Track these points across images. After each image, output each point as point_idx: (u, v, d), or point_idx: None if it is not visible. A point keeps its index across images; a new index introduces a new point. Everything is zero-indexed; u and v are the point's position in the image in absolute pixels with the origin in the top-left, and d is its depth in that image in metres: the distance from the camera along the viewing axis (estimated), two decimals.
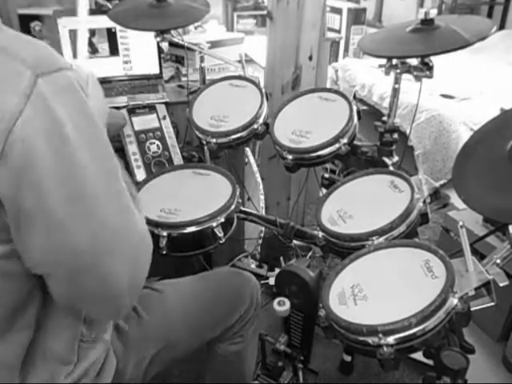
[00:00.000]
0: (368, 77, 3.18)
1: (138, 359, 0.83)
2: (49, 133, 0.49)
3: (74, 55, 1.55)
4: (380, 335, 0.72)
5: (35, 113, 0.48)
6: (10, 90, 0.47)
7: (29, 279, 0.59)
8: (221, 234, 1.06)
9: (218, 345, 1.03)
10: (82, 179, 0.53)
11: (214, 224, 1.05)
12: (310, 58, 1.78)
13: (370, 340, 0.74)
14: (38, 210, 0.51)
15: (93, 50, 1.57)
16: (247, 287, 1.04)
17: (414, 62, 1.12)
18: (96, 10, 1.73)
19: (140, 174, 1.27)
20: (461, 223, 0.81)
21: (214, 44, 1.72)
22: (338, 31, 4.66)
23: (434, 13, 4.04)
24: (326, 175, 1.33)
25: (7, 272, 0.56)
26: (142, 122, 1.34)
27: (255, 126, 1.25)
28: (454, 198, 0.97)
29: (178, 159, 1.33)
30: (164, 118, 1.37)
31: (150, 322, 0.86)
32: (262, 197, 1.78)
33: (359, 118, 1.19)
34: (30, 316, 0.62)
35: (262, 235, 1.80)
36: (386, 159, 1.23)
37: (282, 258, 1.76)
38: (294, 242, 1.28)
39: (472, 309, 0.78)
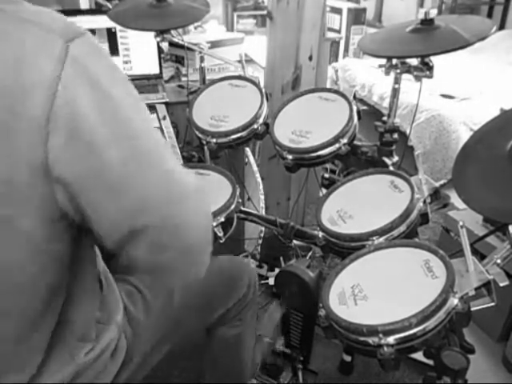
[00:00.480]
0: (368, 77, 3.18)
1: (144, 343, 0.84)
2: (91, 91, 0.50)
3: None
4: (380, 335, 0.72)
5: (73, 75, 0.48)
6: (45, 57, 0.47)
7: (68, 260, 0.59)
8: (220, 234, 1.06)
9: (217, 329, 1.04)
10: (134, 130, 0.54)
11: (214, 223, 1.05)
12: (310, 58, 1.78)
13: (370, 340, 0.74)
14: (99, 168, 0.51)
15: None
16: (244, 272, 1.05)
17: (414, 62, 1.12)
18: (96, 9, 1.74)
19: None
20: (461, 223, 0.81)
21: (214, 44, 1.72)
22: (338, 31, 4.65)
23: (434, 13, 4.04)
24: (326, 175, 1.33)
25: (52, 252, 0.56)
26: None
27: (255, 126, 1.25)
28: (454, 198, 0.97)
29: (177, 159, 1.33)
30: (164, 118, 1.37)
31: (155, 303, 0.87)
32: (262, 197, 1.78)
33: (359, 118, 1.19)
34: (60, 302, 0.63)
35: (262, 235, 1.80)
36: (385, 159, 1.23)
37: (282, 258, 1.76)
38: (294, 241, 1.28)
39: (472, 309, 0.78)
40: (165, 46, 1.40)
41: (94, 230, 0.55)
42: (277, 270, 1.77)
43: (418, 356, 1.30)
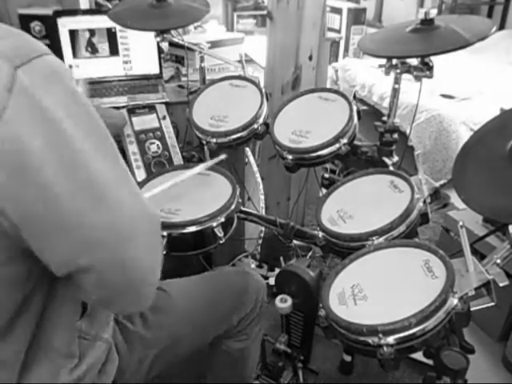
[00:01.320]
0: (368, 77, 3.18)
1: (140, 357, 0.83)
2: (38, 124, 0.47)
3: (74, 55, 1.56)
4: (380, 335, 0.72)
5: (20, 107, 0.45)
6: None
7: (29, 282, 0.58)
8: (221, 234, 1.06)
9: (223, 341, 1.03)
10: (84, 164, 0.50)
11: (215, 224, 1.05)
12: (310, 58, 1.78)
13: (370, 340, 0.74)
14: (44, 205, 0.48)
15: (93, 50, 1.57)
16: (252, 286, 1.04)
17: (414, 62, 1.12)
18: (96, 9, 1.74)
19: (140, 174, 1.27)
20: (461, 223, 0.81)
21: (214, 44, 1.72)
22: (338, 31, 4.65)
23: (433, 13, 4.03)
24: (326, 175, 1.33)
25: (5, 278, 0.55)
26: (142, 122, 1.34)
27: (255, 126, 1.25)
28: (454, 198, 0.97)
29: (177, 159, 1.33)
30: (164, 118, 1.37)
31: (155, 321, 0.87)
32: (262, 197, 1.78)
33: (359, 118, 1.19)
34: (31, 315, 0.62)
35: (262, 235, 1.80)
36: (385, 159, 1.23)
37: (282, 258, 1.76)
38: (294, 241, 1.29)
39: (472, 309, 0.78)
40: (165, 45, 1.40)
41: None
42: (277, 270, 1.77)
43: (418, 356, 1.30)
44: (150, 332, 0.85)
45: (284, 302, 1.01)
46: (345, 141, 1.12)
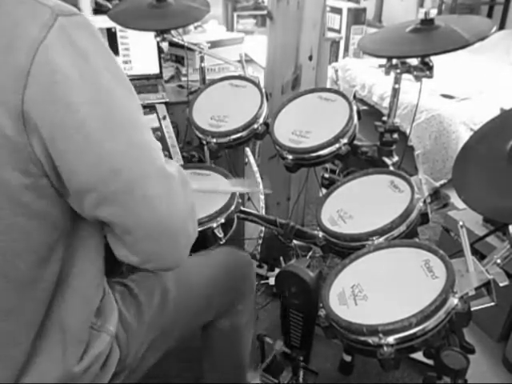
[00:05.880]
0: (368, 77, 3.18)
1: (137, 345, 0.82)
2: (72, 55, 0.54)
3: None
4: (380, 335, 0.72)
5: (57, 39, 0.53)
6: (33, 23, 0.52)
7: (55, 227, 0.60)
8: (221, 235, 1.06)
9: (216, 320, 1.03)
10: (111, 100, 0.57)
11: (214, 225, 1.05)
12: (310, 58, 1.78)
13: (370, 340, 0.74)
14: (70, 124, 0.54)
15: None
16: (241, 263, 1.05)
17: (414, 61, 1.12)
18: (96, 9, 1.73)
19: None
20: (461, 223, 0.81)
21: (214, 44, 1.72)
22: (338, 31, 4.65)
23: (433, 13, 4.03)
24: (326, 175, 1.33)
25: (36, 210, 0.57)
26: None
27: (255, 126, 1.25)
28: (454, 198, 0.97)
29: (177, 159, 1.33)
30: (164, 118, 1.37)
31: (149, 306, 0.86)
32: (262, 197, 1.78)
33: (359, 117, 1.19)
34: (52, 270, 0.63)
35: (262, 235, 1.80)
36: (386, 159, 1.23)
37: (282, 258, 1.76)
38: (294, 241, 1.28)
39: (472, 309, 0.78)
40: (165, 46, 1.40)
41: (67, 190, 0.58)
42: (277, 270, 1.77)
43: (418, 356, 1.30)
44: (145, 317, 0.84)
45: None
46: (345, 141, 1.12)
